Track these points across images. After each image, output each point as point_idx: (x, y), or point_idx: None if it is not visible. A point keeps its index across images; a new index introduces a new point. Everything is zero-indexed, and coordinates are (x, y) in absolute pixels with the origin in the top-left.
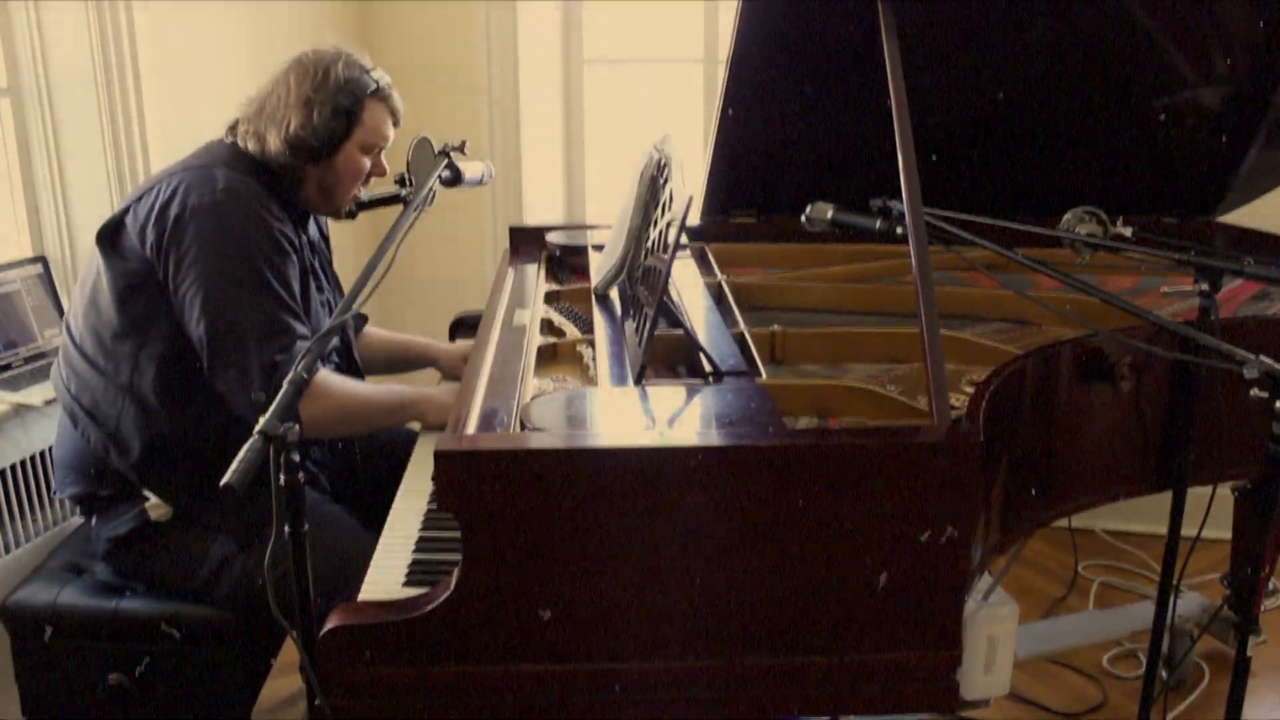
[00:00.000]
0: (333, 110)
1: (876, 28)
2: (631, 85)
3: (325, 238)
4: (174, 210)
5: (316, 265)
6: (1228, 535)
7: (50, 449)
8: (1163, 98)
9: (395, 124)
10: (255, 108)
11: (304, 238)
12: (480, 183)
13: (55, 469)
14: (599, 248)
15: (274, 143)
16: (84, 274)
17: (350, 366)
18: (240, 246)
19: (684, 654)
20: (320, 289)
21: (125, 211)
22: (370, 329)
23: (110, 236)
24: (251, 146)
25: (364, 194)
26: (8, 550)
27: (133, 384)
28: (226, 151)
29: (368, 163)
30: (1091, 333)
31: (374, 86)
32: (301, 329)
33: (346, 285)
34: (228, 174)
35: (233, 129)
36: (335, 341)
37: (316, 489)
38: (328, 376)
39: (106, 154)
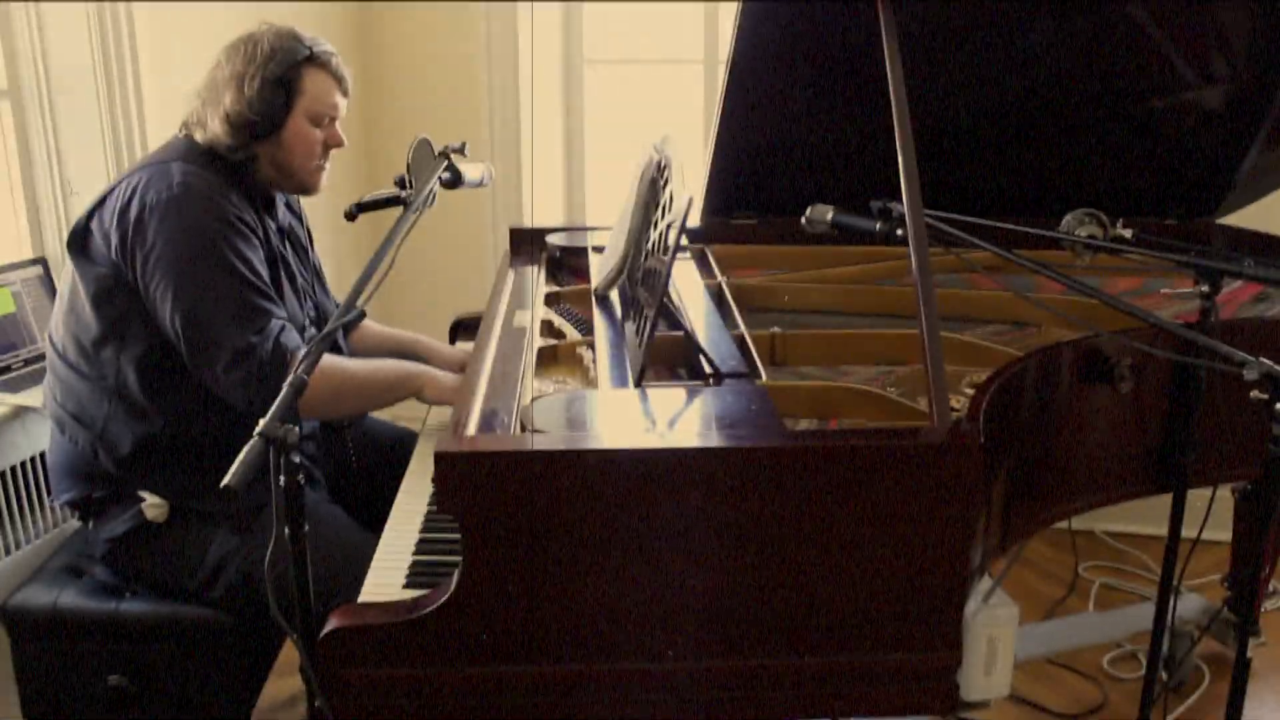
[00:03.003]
0: (263, 81)
1: (877, 28)
2: (631, 86)
3: (299, 218)
4: (134, 209)
5: (288, 252)
6: (1228, 536)
7: None
8: (1163, 98)
9: (344, 93)
10: (199, 99)
11: (271, 224)
12: (480, 184)
13: (50, 477)
14: (599, 249)
15: (216, 126)
16: (61, 283)
17: None
18: (202, 236)
19: (684, 655)
20: (292, 277)
21: (90, 216)
22: (368, 324)
23: (79, 242)
24: (200, 137)
25: (322, 177)
26: (8, 552)
27: (118, 386)
28: (182, 146)
29: (319, 134)
30: (1092, 334)
31: (307, 53)
32: (277, 310)
33: (346, 286)
34: (184, 167)
35: (185, 124)
36: None
37: (314, 487)
38: None
39: (106, 154)
